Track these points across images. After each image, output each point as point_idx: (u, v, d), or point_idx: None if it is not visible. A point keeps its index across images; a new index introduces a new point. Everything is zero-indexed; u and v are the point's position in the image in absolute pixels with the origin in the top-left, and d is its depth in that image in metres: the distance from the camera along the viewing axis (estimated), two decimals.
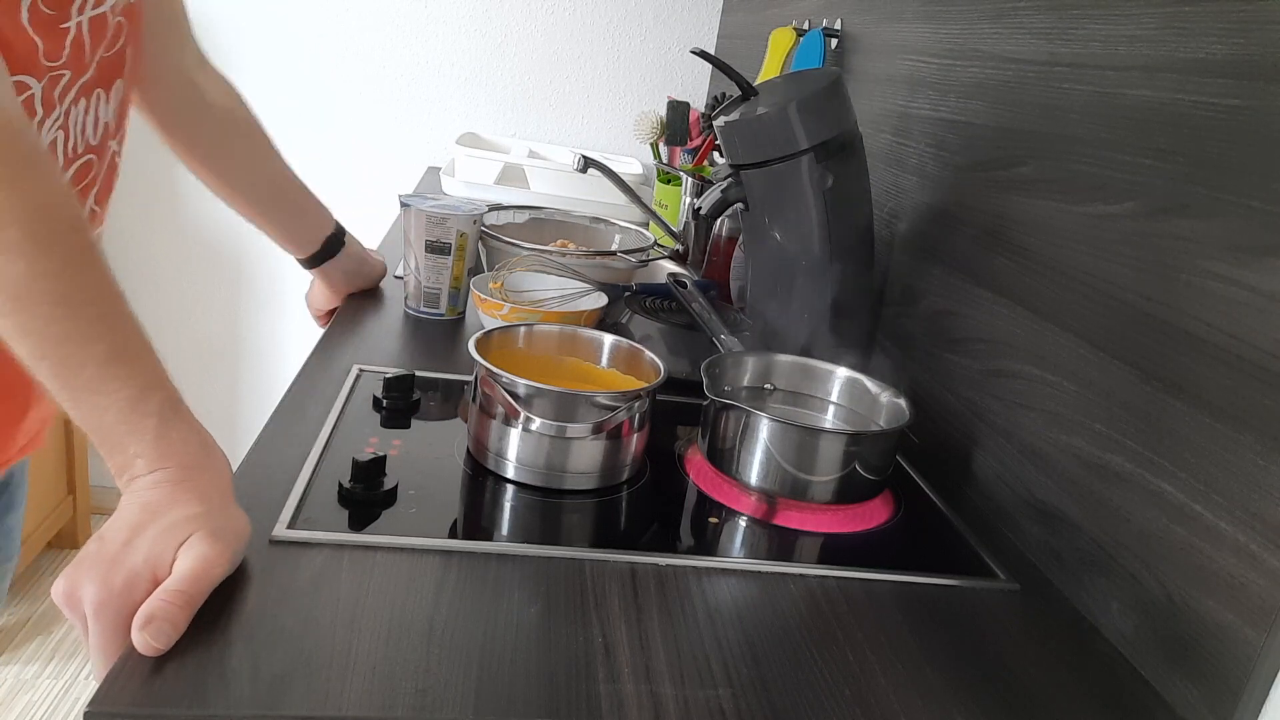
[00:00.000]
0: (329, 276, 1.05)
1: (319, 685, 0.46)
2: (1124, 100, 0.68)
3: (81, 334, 0.51)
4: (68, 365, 0.51)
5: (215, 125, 0.93)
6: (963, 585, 0.67)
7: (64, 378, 0.51)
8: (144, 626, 0.46)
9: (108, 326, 0.53)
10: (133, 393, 0.52)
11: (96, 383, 0.51)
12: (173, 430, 0.53)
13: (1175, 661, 0.58)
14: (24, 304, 0.50)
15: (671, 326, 1.03)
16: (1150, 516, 0.61)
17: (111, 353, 0.52)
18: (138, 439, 0.52)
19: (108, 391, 0.51)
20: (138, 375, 0.53)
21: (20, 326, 0.50)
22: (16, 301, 0.50)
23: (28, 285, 0.50)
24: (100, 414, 0.52)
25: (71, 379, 0.51)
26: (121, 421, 0.52)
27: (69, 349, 0.51)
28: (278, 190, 0.99)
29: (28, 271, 0.50)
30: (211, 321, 2.19)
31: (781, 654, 0.55)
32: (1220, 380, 0.56)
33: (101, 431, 0.52)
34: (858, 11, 1.22)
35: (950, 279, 0.89)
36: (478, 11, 2.02)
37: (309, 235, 1.02)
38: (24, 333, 0.50)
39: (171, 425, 0.53)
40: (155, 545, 0.50)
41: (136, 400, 0.52)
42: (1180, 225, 0.61)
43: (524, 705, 0.48)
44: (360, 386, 0.83)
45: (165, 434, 0.53)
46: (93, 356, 0.51)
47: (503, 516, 0.69)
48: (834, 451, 0.73)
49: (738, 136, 0.89)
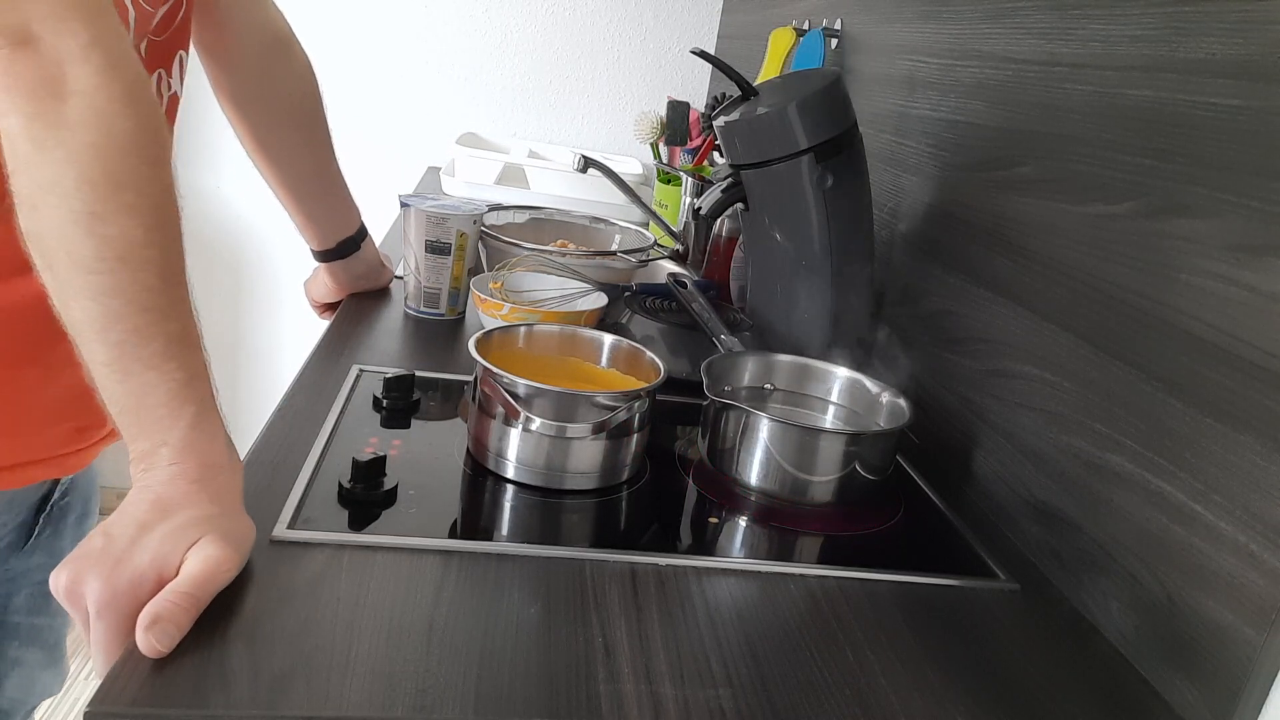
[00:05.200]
0: (334, 273, 1.06)
1: (319, 685, 0.46)
2: (1124, 100, 0.68)
3: (164, 310, 0.53)
4: (140, 334, 0.52)
5: (279, 112, 0.94)
6: (963, 585, 0.67)
7: (132, 347, 0.52)
8: (149, 628, 0.46)
9: (183, 310, 0.54)
10: (184, 377, 0.53)
11: (158, 359, 0.52)
12: (205, 425, 0.54)
13: (1175, 661, 0.58)
14: (130, 266, 0.51)
15: (671, 326, 1.03)
16: (1150, 516, 0.61)
17: (179, 334, 0.54)
18: (173, 426, 0.52)
19: (165, 370, 0.52)
20: (191, 364, 0.54)
21: (115, 286, 0.51)
22: (122, 262, 0.51)
23: (141, 250, 0.52)
24: (148, 391, 0.52)
25: (137, 349, 0.52)
26: (165, 403, 0.52)
27: (148, 319, 0.52)
28: (318, 182, 1.00)
29: (144, 239, 0.52)
30: (211, 321, 2.17)
31: (781, 654, 0.55)
32: (1220, 380, 0.56)
33: (140, 412, 0.52)
34: (858, 11, 1.22)
35: (950, 279, 0.89)
36: (478, 11, 2.02)
37: (331, 232, 1.02)
38: (115, 292, 0.51)
39: (205, 420, 0.54)
40: (164, 545, 0.50)
41: (185, 385, 0.53)
42: (1180, 225, 0.61)
43: (524, 705, 0.48)
44: (360, 386, 0.83)
45: (198, 426, 0.53)
46: (164, 333, 0.53)
47: (503, 516, 0.69)
48: (834, 451, 0.73)
49: (738, 136, 0.89)
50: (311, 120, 0.96)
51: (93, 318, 0.51)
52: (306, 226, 1.01)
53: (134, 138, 0.52)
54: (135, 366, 0.52)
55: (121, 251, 0.51)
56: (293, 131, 0.96)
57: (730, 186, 0.92)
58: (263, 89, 0.92)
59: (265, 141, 0.94)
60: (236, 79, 0.90)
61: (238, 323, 2.20)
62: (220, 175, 2.07)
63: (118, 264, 0.51)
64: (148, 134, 0.53)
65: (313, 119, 0.96)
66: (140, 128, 0.53)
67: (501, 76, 2.07)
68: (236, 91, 0.91)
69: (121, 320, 0.51)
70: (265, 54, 0.91)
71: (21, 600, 0.81)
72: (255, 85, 0.91)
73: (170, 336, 0.53)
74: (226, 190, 2.09)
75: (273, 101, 0.93)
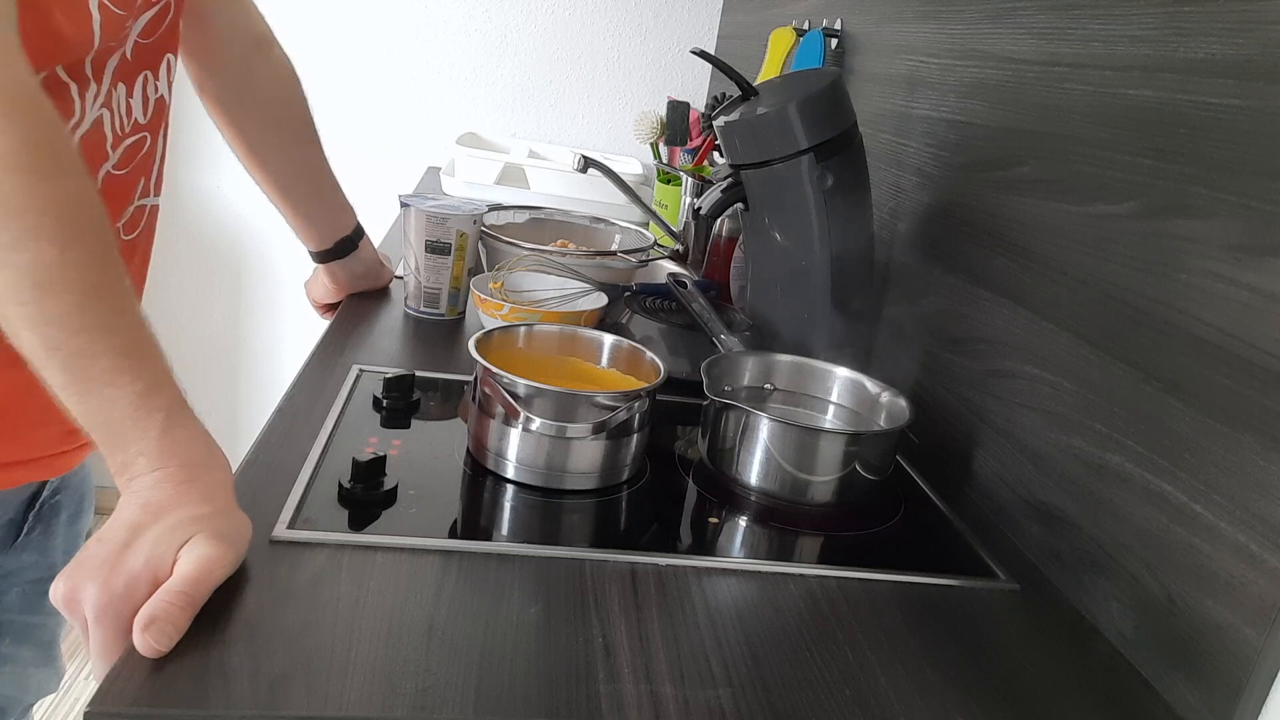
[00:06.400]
0: (333, 274, 1.06)
1: (319, 685, 0.46)
2: (1124, 100, 0.68)
3: (102, 325, 0.52)
4: (84, 355, 0.51)
5: (263, 111, 0.94)
6: (963, 585, 0.67)
7: (78, 368, 0.51)
8: (146, 628, 0.46)
9: (125, 321, 0.53)
10: (143, 387, 0.52)
11: (110, 375, 0.51)
12: (178, 428, 0.53)
13: (1175, 661, 0.58)
14: (51, 291, 0.50)
15: (671, 326, 1.03)
16: (1150, 516, 0.61)
17: (127, 346, 0.52)
18: (143, 434, 0.52)
19: (120, 384, 0.51)
20: (149, 371, 0.53)
21: (43, 314, 0.50)
22: (41, 289, 0.50)
23: (59, 273, 0.50)
24: (109, 407, 0.52)
25: (86, 369, 0.51)
26: (130, 416, 0.52)
27: (88, 339, 0.51)
28: (308, 183, 1.00)
29: (59, 260, 0.50)
30: (211, 321, 2.19)
31: (781, 654, 0.55)
32: (1220, 380, 0.56)
33: (108, 426, 0.52)
34: (858, 11, 1.22)
35: (950, 279, 0.89)
36: (478, 11, 2.02)
37: (327, 232, 1.02)
38: (45, 320, 0.50)
39: (177, 423, 0.53)
40: (157, 547, 0.49)
41: (146, 395, 0.52)
42: (1180, 225, 0.61)
43: (524, 705, 0.48)
44: (360, 386, 0.83)
45: (170, 431, 0.53)
46: (109, 348, 0.51)
47: (503, 516, 0.69)
48: (834, 451, 0.73)
49: (738, 136, 0.89)
50: (297, 120, 0.96)
51: (34, 346, 0.51)
52: (302, 228, 1.01)
53: (17, 155, 0.50)
54: (91, 385, 0.51)
55: (38, 278, 0.50)
56: (279, 132, 0.96)
57: (730, 186, 0.92)
58: (245, 89, 0.92)
59: (253, 143, 0.95)
60: (219, 80, 0.91)
61: (238, 323, 2.20)
62: (220, 175, 2.07)
63: (38, 292, 0.50)
64: (33, 148, 0.51)
65: (298, 119, 0.96)
66: (24, 143, 0.50)
67: (501, 76, 2.07)
68: (220, 93, 0.91)
69: (61, 346, 0.51)
70: (246, 55, 0.92)
71: (13, 598, 0.81)
72: (237, 86, 0.92)
73: (118, 350, 0.52)
74: (226, 190, 2.09)
75: (256, 102, 0.93)
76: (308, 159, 0.99)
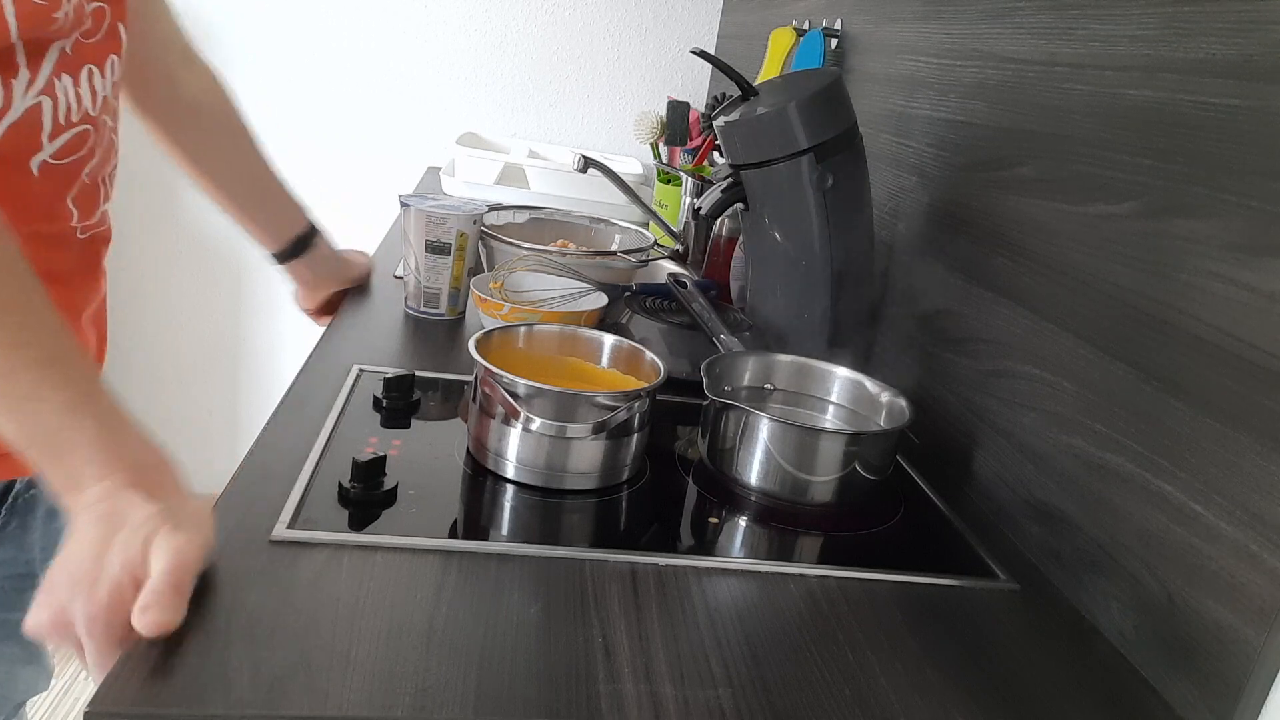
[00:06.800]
0: (298, 274, 1.07)
1: (319, 685, 0.46)
2: (1124, 100, 0.68)
3: (8, 340, 0.51)
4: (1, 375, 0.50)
5: (195, 119, 0.95)
6: (963, 585, 0.67)
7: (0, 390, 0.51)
8: (144, 611, 0.47)
9: (35, 332, 0.52)
10: (71, 396, 0.52)
11: (31, 388, 0.51)
12: (112, 432, 0.53)
13: (1175, 661, 0.58)
14: None
15: (671, 326, 1.03)
16: (1150, 516, 0.61)
17: (44, 357, 0.52)
18: (75, 446, 0.51)
19: (43, 397, 0.51)
20: (74, 380, 0.53)
21: None
22: None
23: None
24: (38, 420, 0.51)
25: (9, 388, 0.51)
26: (62, 426, 0.51)
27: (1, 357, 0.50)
28: (255, 186, 1.01)
29: None
30: (211, 322, 2.19)
31: (781, 654, 0.55)
32: (1220, 380, 0.56)
33: (43, 440, 0.51)
34: (858, 11, 1.22)
35: (950, 279, 0.89)
36: (478, 11, 2.02)
37: (278, 233, 1.04)
38: None
39: (110, 427, 0.53)
40: (128, 551, 0.49)
41: (76, 403, 0.52)
42: (1180, 225, 0.61)
43: (524, 705, 0.48)
44: (360, 386, 0.83)
45: (104, 436, 0.52)
46: (24, 361, 0.51)
47: (503, 516, 0.69)
48: (834, 451, 0.73)
49: (738, 136, 0.89)
50: (231, 125, 0.98)
51: None
52: (254, 231, 1.03)
53: None
54: (15, 402, 0.51)
55: None
56: (215, 138, 0.97)
57: (730, 186, 0.92)
58: (175, 99, 0.93)
59: (192, 154, 0.96)
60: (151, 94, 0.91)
61: (238, 323, 2.20)
62: None
63: None
64: None
65: (233, 124, 0.98)
66: None
67: (501, 76, 2.07)
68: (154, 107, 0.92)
69: None
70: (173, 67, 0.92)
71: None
72: (168, 97, 0.93)
73: (35, 363, 0.51)
74: None
75: (188, 111, 0.94)
76: (248, 162, 1.00)
